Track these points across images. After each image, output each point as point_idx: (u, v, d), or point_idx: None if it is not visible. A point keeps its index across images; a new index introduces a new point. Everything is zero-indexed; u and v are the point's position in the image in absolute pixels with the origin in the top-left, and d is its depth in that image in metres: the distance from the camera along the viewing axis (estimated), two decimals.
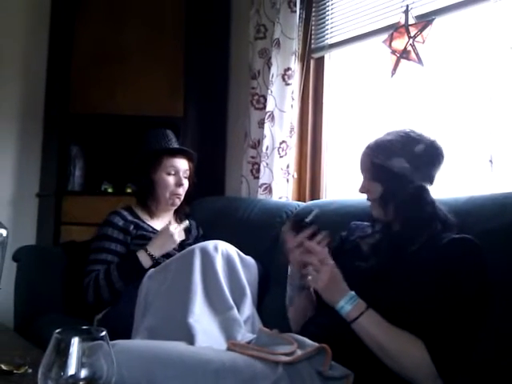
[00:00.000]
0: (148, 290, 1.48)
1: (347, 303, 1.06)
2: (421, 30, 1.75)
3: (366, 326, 1.05)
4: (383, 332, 1.04)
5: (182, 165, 1.85)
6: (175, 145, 1.87)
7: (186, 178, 1.86)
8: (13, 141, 2.84)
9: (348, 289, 1.09)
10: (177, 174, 1.83)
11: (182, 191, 1.85)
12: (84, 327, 0.73)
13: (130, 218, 1.81)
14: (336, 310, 1.08)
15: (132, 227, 1.78)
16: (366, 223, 1.35)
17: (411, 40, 1.76)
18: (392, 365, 1.03)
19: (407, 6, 1.82)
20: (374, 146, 1.26)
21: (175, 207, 1.90)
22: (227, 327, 1.32)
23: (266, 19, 2.27)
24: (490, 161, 1.48)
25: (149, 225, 1.84)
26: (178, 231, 1.75)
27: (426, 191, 1.22)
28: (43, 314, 1.79)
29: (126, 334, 1.37)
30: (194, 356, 0.91)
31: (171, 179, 1.83)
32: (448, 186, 1.73)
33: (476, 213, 1.25)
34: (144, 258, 1.69)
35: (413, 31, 1.77)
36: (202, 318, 1.30)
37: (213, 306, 1.37)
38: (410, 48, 1.77)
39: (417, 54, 1.76)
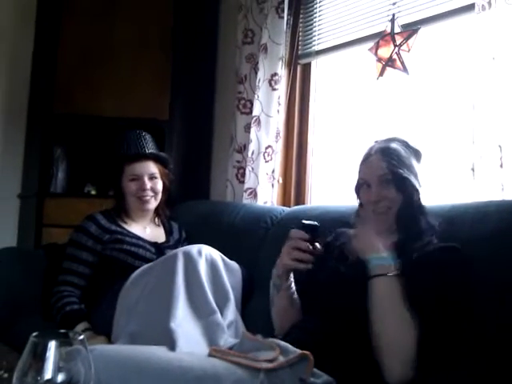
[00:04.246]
0: (130, 294, 1.46)
1: (391, 257, 1.07)
2: (406, 39, 1.77)
3: (394, 287, 1.04)
4: (400, 300, 1.03)
5: (145, 169, 1.80)
6: (140, 149, 1.81)
7: (153, 179, 1.81)
8: None
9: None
10: (140, 178, 1.80)
11: (151, 193, 1.82)
12: (62, 331, 0.71)
13: (104, 222, 1.78)
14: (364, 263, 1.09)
15: (105, 233, 1.75)
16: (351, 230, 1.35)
17: (397, 48, 1.79)
18: (378, 335, 1.02)
19: (393, 14, 1.85)
20: (388, 152, 1.18)
21: (149, 209, 1.86)
22: (210, 332, 1.31)
23: (254, 24, 2.28)
24: (472, 169, 1.50)
25: (124, 228, 1.81)
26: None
27: None
28: (23, 318, 1.75)
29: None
30: (173, 363, 0.90)
31: (134, 185, 1.80)
32: (432, 194, 1.76)
33: (460, 220, 1.27)
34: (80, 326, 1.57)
35: (398, 40, 1.79)
36: (184, 323, 1.29)
37: (196, 311, 1.36)
38: (395, 56, 1.79)
39: (402, 63, 1.78)
